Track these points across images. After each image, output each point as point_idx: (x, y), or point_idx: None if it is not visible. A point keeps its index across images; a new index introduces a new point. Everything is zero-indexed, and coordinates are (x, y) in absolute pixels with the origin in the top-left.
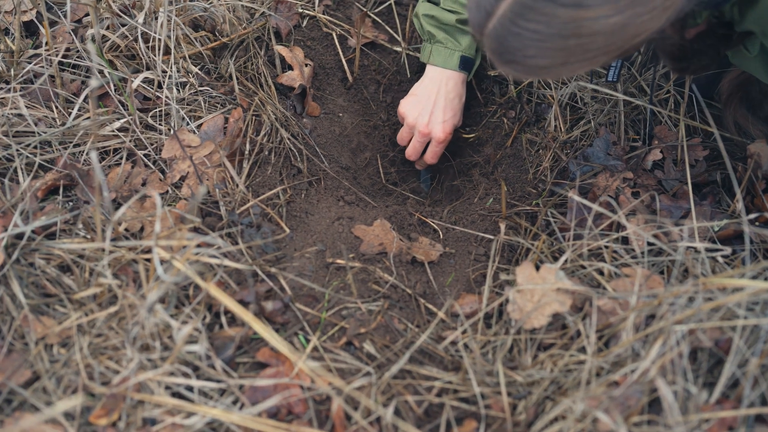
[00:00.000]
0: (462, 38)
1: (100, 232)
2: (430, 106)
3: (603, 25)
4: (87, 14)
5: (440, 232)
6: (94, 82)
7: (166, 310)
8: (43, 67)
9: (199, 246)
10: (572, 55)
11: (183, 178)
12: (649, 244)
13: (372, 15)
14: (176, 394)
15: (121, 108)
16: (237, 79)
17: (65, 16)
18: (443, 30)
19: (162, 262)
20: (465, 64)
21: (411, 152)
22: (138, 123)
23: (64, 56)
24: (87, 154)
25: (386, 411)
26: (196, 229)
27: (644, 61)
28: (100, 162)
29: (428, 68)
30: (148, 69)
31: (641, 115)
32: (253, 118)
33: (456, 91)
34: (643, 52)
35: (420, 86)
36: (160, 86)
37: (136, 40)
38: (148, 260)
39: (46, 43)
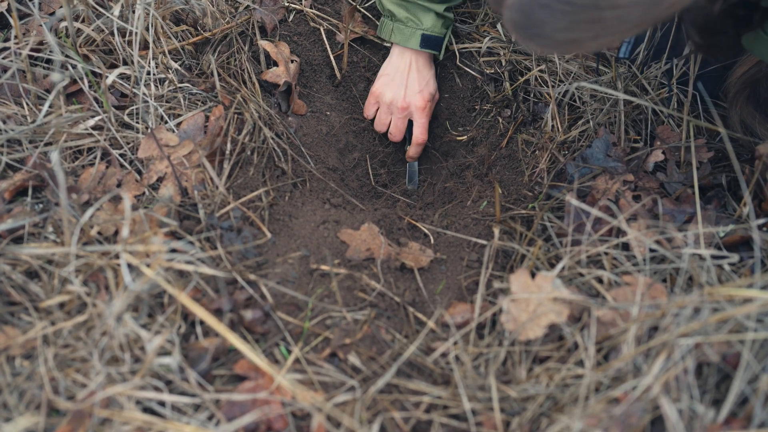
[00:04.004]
0: (424, 16)
1: (68, 235)
2: (404, 80)
3: None
4: (61, 6)
5: (431, 237)
6: (56, 76)
7: (137, 319)
8: (12, 61)
9: (175, 251)
10: (606, 28)
11: (160, 179)
12: (651, 250)
13: (361, 9)
14: (147, 410)
15: (95, 105)
16: (219, 75)
17: (39, 8)
18: (404, 8)
19: (133, 268)
20: (427, 42)
21: (394, 131)
22: (113, 121)
23: (36, 50)
24: (59, 153)
25: (370, 428)
26: (173, 233)
27: (645, 59)
28: (73, 162)
29: (393, 46)
30: (125, 64)
31: (642, 114)
32: (235, 116)
33: (425, 61)
34: (644, 48)
35: (389, 65)
36: (137, 82)
37: (112, 33)
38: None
39: (16, 36)
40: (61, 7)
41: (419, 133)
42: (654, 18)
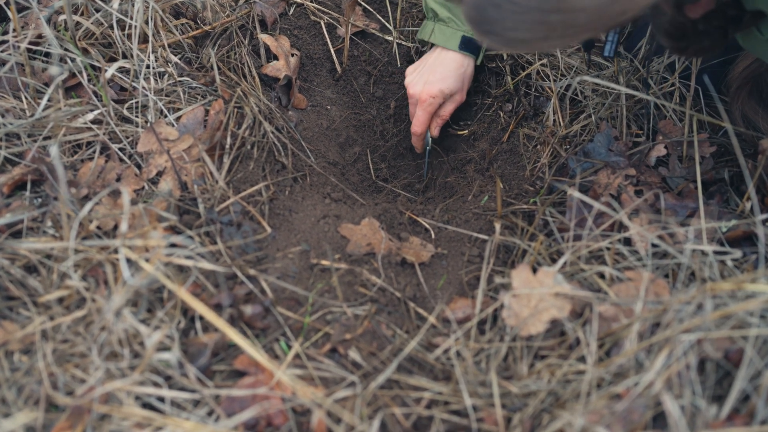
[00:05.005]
0: None
1: (67, 230)
2: (422, 70)
3: (588, 1)
4: None
5: (432, 232)
6: (54, 70)
7: (136, 314)
8: (10, 54)
9: (175, 246)
10: (553, 31)
11: (160, 174)
12: (654, 245)
13: (362, 3)
14: (146, 406)
15: (95, 99)
16: (219, 69)
17: (38, 1)
18: (447, 8)
19: (132, 263)
20: (467, 44)
21: (411, 117)
22: (113, 115)
23: (35, 44)
24: (58, 147)
25: (371, 424)
26: (172, 228)
27: (647, 54)
28: (72, 156)
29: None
30: (124, 58)
31: (644, 108)
32: (235, 110)
33: (456, 62)
34: (647, 42)
35: (425, 54)
36: (137, 76)
37: (111, 27)
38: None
39: (14, 29)
40: None
41: (414, 124)
42: (605, 24)
